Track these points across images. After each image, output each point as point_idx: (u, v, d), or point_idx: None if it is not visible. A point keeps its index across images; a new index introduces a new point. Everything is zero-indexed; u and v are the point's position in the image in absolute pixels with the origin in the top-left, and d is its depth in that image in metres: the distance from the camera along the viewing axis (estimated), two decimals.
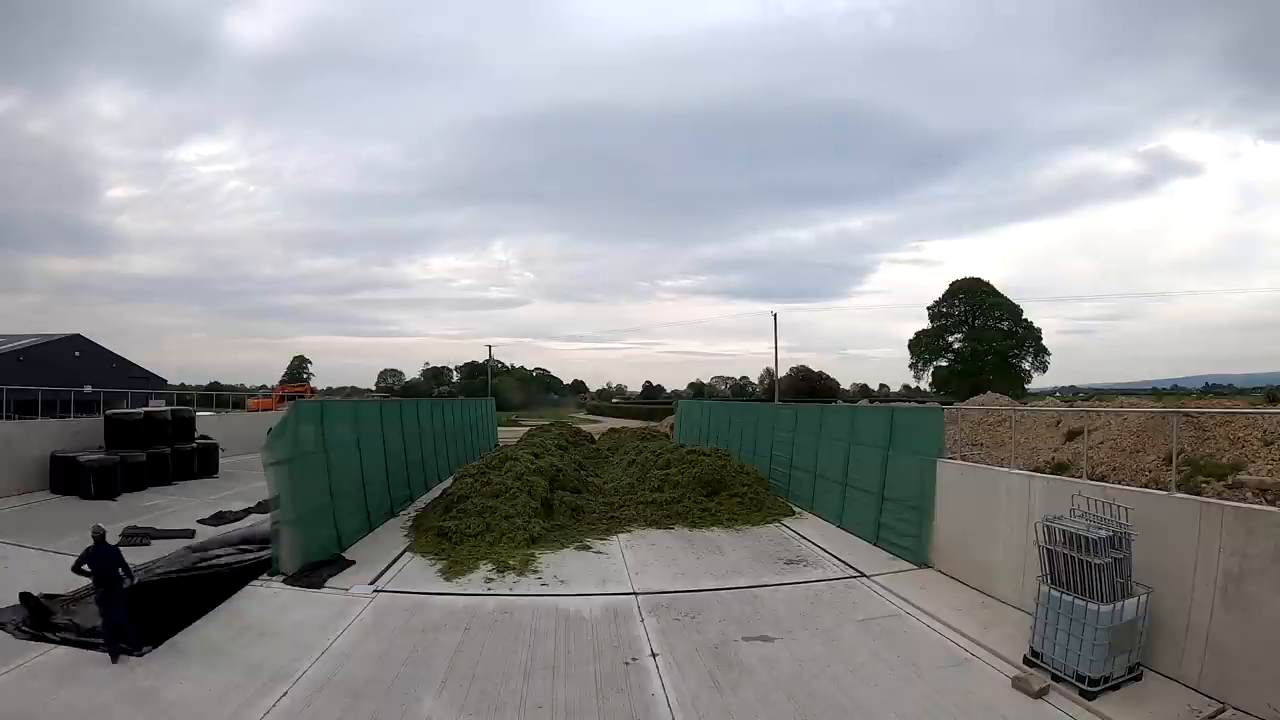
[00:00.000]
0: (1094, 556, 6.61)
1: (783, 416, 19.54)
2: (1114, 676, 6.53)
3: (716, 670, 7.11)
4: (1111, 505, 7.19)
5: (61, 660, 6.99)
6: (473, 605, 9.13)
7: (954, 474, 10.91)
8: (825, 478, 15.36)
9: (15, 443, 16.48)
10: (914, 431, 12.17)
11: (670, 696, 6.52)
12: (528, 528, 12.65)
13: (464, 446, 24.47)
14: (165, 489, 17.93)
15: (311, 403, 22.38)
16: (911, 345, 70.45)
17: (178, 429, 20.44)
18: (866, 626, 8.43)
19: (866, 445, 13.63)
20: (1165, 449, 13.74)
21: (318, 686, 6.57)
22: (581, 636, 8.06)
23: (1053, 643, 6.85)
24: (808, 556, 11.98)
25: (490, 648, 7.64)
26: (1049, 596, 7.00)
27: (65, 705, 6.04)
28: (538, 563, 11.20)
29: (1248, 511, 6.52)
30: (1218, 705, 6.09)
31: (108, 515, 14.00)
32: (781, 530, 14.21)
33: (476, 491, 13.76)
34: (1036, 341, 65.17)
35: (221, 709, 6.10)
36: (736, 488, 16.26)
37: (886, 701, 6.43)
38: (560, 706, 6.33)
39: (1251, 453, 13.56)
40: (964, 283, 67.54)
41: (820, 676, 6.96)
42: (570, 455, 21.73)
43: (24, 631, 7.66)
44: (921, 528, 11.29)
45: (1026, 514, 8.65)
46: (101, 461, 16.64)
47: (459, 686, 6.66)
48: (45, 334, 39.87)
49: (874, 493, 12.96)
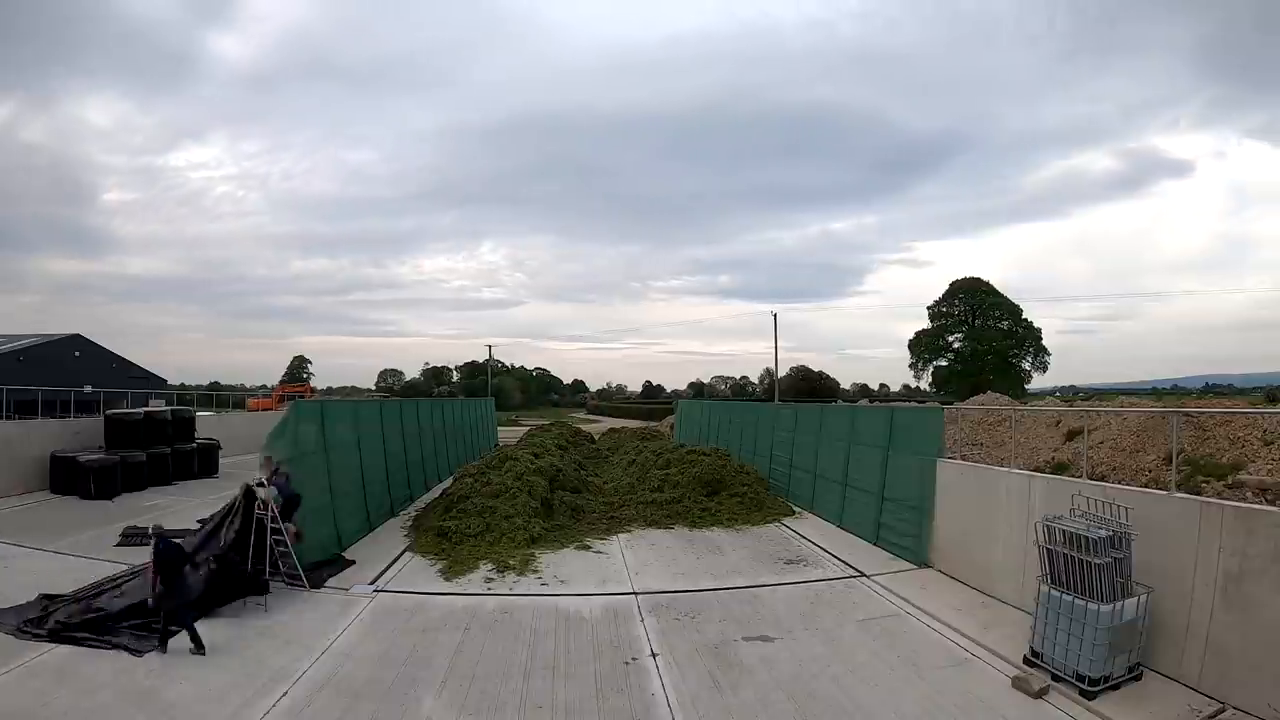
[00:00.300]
0: (1094, 556, 6.61)
1: (783, 416, 19.55)
2: (1114, 676, 6.53)
3: (716, 670, 7.11)
4: (1111, 505, 7.18)
5: (62, 660, 6.99)
6: (473, 605, 9.14)
7: (954, 474, 10.91)
8: (825, 478, 15.37)
9: (15, 443, 16.48)
10: (914, 431, 12.18)
11: (670, 696, 6.53)
12: (528, 528, 12.66)
13: (464, 446, 24.46)
14: (165, 489, 17.92)
15: (311, 403, 22.35)
16: (911, 345, 70.45)
17: (178, 429, 20.43)
18: (866, 626, 8.44)
19: (866, 445, 13.64)
20: (1165, 449, 13.73)
21: (318, 686, 6.58)
22: (581, 636, 8.06)
23: (1053, 642, 6.86)
24: (808, 556, 11.98)
25: (490, 648, 7.64)
26: (1049, 596, 7.00)
27: (65, 705, 6.03)
28: (538, 563, 11.21)
29: (1248, 511, 6.52)
30: (1218, 705, 6.09)
31: (108, 515, 14.04)
32: (781, 530, 14.21)
33: (476, 491, 13.77)
34: (1036, 341, 65.17)
35: (221, 709, 6.10)
36: (736, 488, 16.26)
37: (886, 701, 6.43)
38: (560, 706, 6.33)
39: (1251, 453, 13.54)
40: (964, 282, 67.52)
41: (820, 676, 6.97)
42: (570, 455, 21.74)
43: (25, 632, 7.64)
44: (921, 528, 11.30)
45: (1026, 514, 8.65)
46: (101, 461, 16.64)
47: (459, 686, 6.66)
48: (45, 334, 39.87)
49: (874, 493, 12.96)
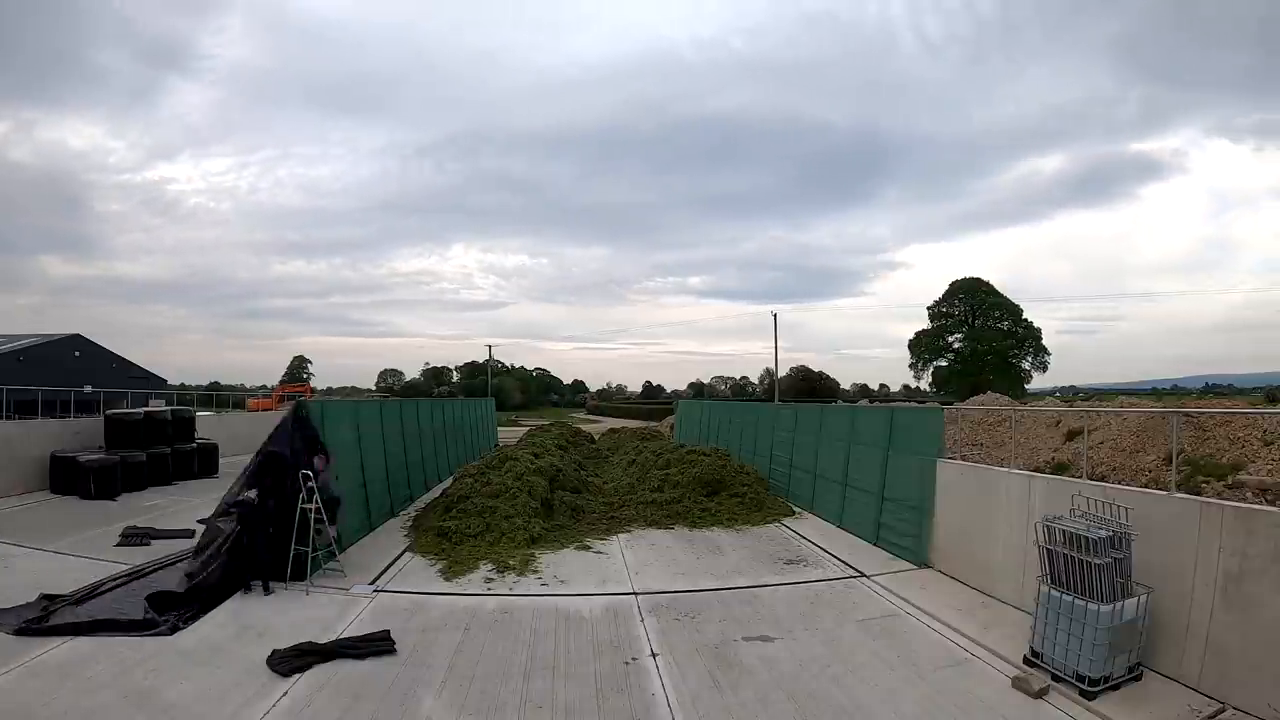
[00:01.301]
0: (1094, 556, 6.61)
1: (783, 416, 19.54)
2: (1114, 676, 6.53)
3: (716, 670, 7.11)
4: (1111, 505, 7.18)
5: (62, 659, 6.99)
6: (473, 605, 9.13)
7: (954, 474, 10.91)
8: (825, 478, 15.36)
9: (15, 443, 16.48)
10: (914, 431, 12.17)
11: (670, 696, 6.52)
12: (528, 528, 12.65)
13: (464, 446, 24.44)
14: (165, 489, 17.93)
15: (311, 403, 22.32)
16: (911, 345, 70.56)
17: (178, 429, 20.43)
18: (866, 626, 8.43)
19: (866, 445, 13.63)
20: (1165, 449, 13.74)
21: (318, 686, 6.57)
22: (581, 636, 8.06)
23: (1053, 643, 6.85)
24: (808, 556, 11.98)
25: (490, 648, 7.64)
26: (1049, 596, 7.00)
27: (66, 705, 6.03)
28: (538, 563, 11.20)
29: (1248, 511, 6.51)
30: (1218, 705, 6.09)
31: (108, 515, 14.05)
32: (781, 530, 14.21)
33: (476, 491, 13.76)
34: (1036, 341, 65.26)
35: (221, 709, 6.09)
36: (736, 488, 16.26)
37: (886, 701, 6.43)
38: (560, 706, 6.33)
39: (1251, 453, 13.55)
40: (964, 283, 67.60)
41: (820, 676, 6.96)
42: (570, 455, 21.73)
43: (31, 627, 7.69)
44: (921, 528, 11.29)
45: (1026, 514, 8.65)
46: (101, 461, 16.64)
47: (459, 686, 6.66)
48: (45, 334, 39.89)
49: (874, 493, 12.96)
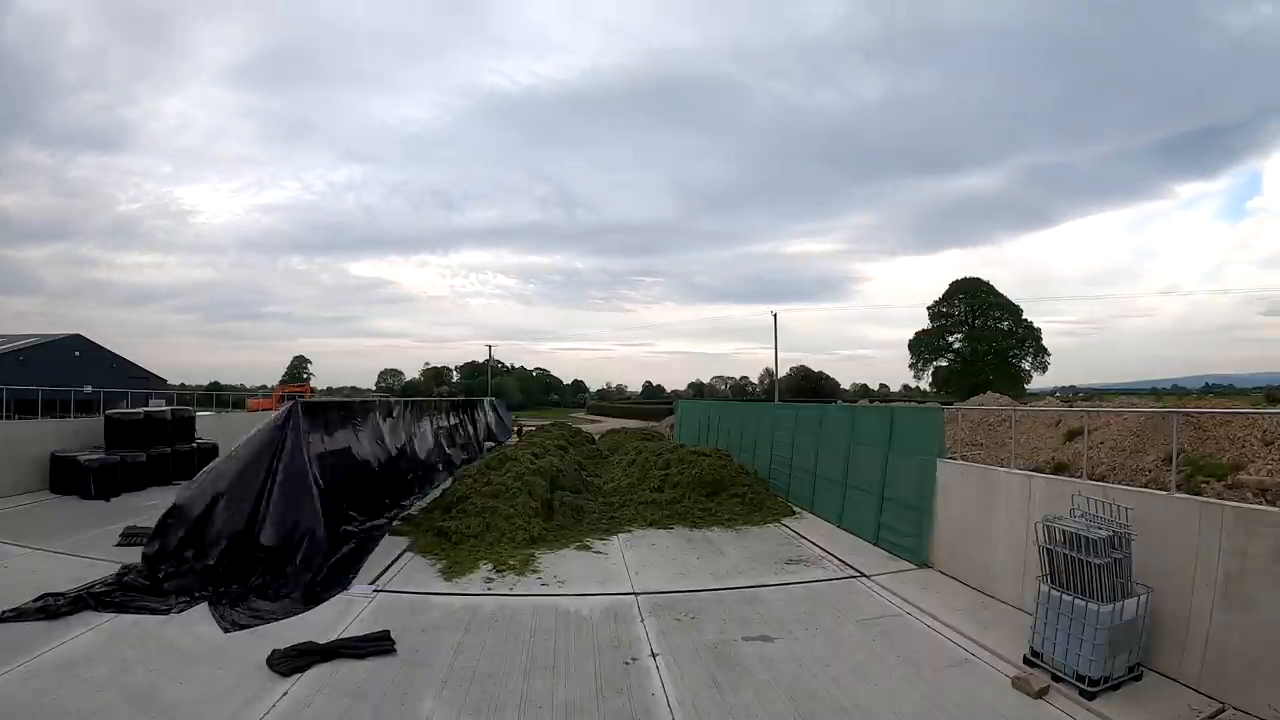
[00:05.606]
0: (1094, 556, 6.60)
1: (783, 416, 19.53)
2: (1114, 676, 6.52)
3: (716, 670, 7.11)
4: (1111, 505, 7.18)
5: (63, 659, 6.98)
6: (472, 605, 9.13)
7: (954, 474, 10.91)
8: (825, 478, 15.36)
9: (15, 443, 16.45)
10: (914, 431, 12.17)
11: (670, 696, 6.52)
12: (528, 528, 12.65)
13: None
14: (165, 489, 17.86)
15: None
16: (911, 345, 70.62)
17: (178, 429, 20.41)
18: (866, 626, 8.43)
19: (866, 445, 13.63)
20: (1165, 449, 13.72)
21: (318, 686, 6.57)
22: (581, 636, 8.05)
23: (1053, 643, 6.85)
24: (808, 556, 11.98)
25: (490, 647, 7.64)
26: (1049, 596, 7.00)
27: (66, 705, 6.02)
28: (538, 563, 11.20)
29: (1248, 511, 6.51)
30: (1218, 705, 6.08)
31: (108, 515, 14.04)
32: (782, 530, 14.21)
33: (476, 491, 13.77)
34: (1036, 341, 65.28)
35: (221, 709, 6.09)
36: (736, 488, 16.27)
37: (886, 701, 6.43)
38: (560, 706, 6.33)
39: (1251, 453, 13.53)
40: (964, 283, 67.60)
41: (820, 676, 6.96)
42: (570, 455, 21.75)
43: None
44: (922, 528, 11.29)
45: (1027, 514, 8.65)
46: (102, 461, 16.64)
47: (459, 686, 6.66)
48: (45, 334, 39.92)
49: (874, 493, 12.96)
